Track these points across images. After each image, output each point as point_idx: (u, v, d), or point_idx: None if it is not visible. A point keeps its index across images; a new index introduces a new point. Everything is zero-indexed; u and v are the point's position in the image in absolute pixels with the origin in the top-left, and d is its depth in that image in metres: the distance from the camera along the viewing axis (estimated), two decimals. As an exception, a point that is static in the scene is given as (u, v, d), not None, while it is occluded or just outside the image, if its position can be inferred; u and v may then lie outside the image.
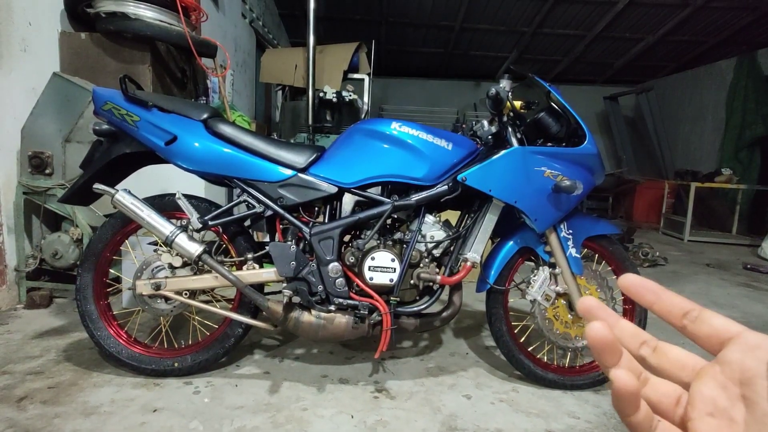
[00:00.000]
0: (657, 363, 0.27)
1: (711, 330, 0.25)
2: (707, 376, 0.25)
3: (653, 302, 0.27)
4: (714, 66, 6.62)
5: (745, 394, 0.23)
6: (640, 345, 0.27)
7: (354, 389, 1.57)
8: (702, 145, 6.79)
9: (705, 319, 0.26)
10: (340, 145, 1.56)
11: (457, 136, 1.55)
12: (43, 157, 2.15)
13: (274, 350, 1.84)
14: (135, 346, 1.60)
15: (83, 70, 2.42)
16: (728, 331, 0.25)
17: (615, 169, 7.58)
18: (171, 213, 1.55)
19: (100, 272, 1.59)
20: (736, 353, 0.24)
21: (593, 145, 1.53)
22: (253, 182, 1.50)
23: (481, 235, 1.55)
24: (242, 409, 1.42)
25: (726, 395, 0.24)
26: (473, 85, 8.75)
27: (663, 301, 0.27)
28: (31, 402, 1.40)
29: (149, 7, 2.43)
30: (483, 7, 6.25)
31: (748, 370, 0.23)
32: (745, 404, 0.23)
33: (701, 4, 5.71)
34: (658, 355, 0.27)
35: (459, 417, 1.44)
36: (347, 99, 4.08)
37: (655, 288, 0.27)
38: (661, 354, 0.27)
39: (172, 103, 1.51)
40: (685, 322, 0.26)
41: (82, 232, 2.18)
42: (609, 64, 7.90)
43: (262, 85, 5.69)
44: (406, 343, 1.99)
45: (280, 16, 6.73)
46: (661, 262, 3.89)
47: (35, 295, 2.18)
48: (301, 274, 1.48)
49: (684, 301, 0.27)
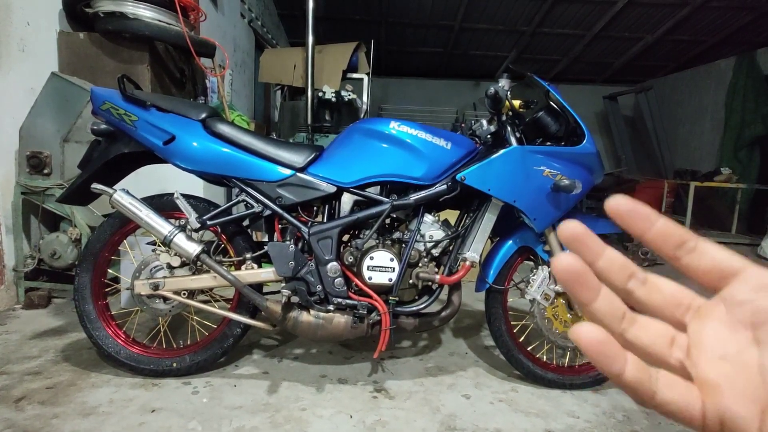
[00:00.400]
0: (647, 298, 0.24)
1: (711, 263, 0.23)
2: (710, 316, 0.22)
3: (646, 229, 0.23)
4: (713, 65, 6.62)
5: (758, 337, 0.21)
6: (628, 278, 0.24)
7: (353, 389, 1.57)
8: (701, 144, 6.79)
9: (704, 251, 0.23)
10: (339, 144, 1.56)
11: (456, 136, 1.55)
12: (41, 157, 2.14)
13: (272, 350, 1.84)
14: (133, 347, 1.59)
15: (82, 70, 2.42)
16: (732, 265, 0.22)
17: (614, 168, 7.58)
18: (169, 213, 1.55)
19: (98, 272, 1.58)
20: (744, 292, 0.21)
21: (592, 145, 1.52)
22: (252, 182, 1.50)
23: (480, 235, 1.55)
24: (241, 409, 1.41)
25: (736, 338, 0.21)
26: (472, 85, 8.75)
27: (657, 228, 0.23)
28: (29, 402, 1.40)
29: (148, 7, 2.43)
30: (482, 7, 6.25)
31: (761, 312, 0.21)
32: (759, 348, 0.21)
33: (700, 4, 5.71)
34: (648, 289, 0.24)
35: (458, 417, 1.44)
36: (346, 99, 4.07)
37: (648, 213, 0.24)
38: (653, 288, 0.24)
39: (170, 102, 1.51)
40: (680, 253, 0.23)
41: (81, 232, 2.17)
42: (608, 64, 7.90)
43: (261, 84, 5.68)
44: (405, 342, 1.98)
45: (279, 16, 6.72)
46: (661, 262, 3.89)
47: (33, 296, 2.18)
48: (299, 274, 1.48)
49: (681, 229, 0.23)
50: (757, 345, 0.21)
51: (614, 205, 0.24)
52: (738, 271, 0.22)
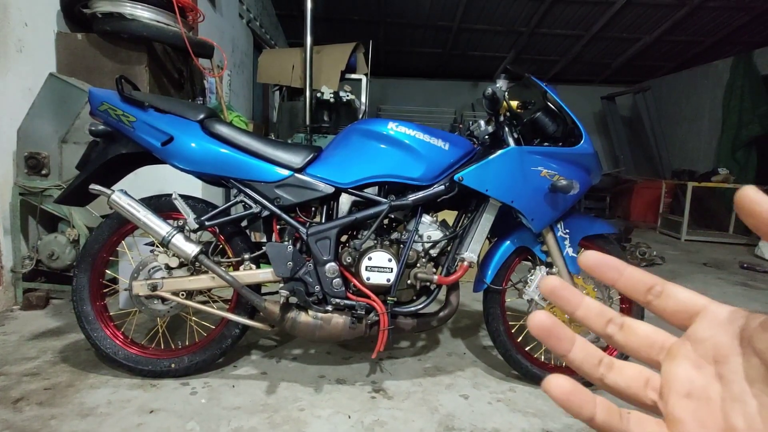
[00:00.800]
0: (625, 341, 0.25)
1: (677, 304, 0.24)
2: (679, 355, 0.23)
3: (616, 279, 0.26)
4: (710, 66, 6.64)
5: (720, 373, 0.22)
6: (606, 323, 0.26)
7: (351, 389, 1.57)
8: (699, 144, 6.81)
9: (670, 294, 0.25)
10: (337, 145, 1.56)
11: (453, 136, 1.55)
12: (39, 158, 2.14)
13: (271, 351, 1.84)
14: (132, 347, 1.59)
15: (80, 70, 2.42)
16: (695, 304, 0.24)
17: (612, 169, 7.59)
18: (168, 213, 1.55)
19: (96, 273, 1.58)
20: (707, 330, 0.23)
21: (590, 145, 1.53)
22: (250, 182, 1.50)
23: (478, 235, 1.55)
24: (239, 410, 1.41)
25: (701, 375, 0.22)
26: (471, 86, 8.76)
27: (626, 277, 0.25)
28: (28, 403, 1.39)
29: (146, 8, 2.43)
30: (481, 8, 6.26)
31: (721, 348, 0.22)
32: (721, 383, 0.22)
33: (698, 5, 5.73)
34: (625, 332, 0.25)
35: (456, 417, 1.44)
36: (345, 99, 4.07)
37: (616, 264, 0.26)
38: (629, 331, 0.25)
39: (168, 103, 1.51)
40: (649, 297, 0.25)
41: (79, 232, 2.17)
42: (606, 64, 7.92)
43: (259, 85, 5.68)
44: (404, 343, 1.99)
45: (278, 16, 6.72)
46: (659, 262, 3.90)
47: (32, 296, 2.18)
48: (298, 275, 1.48)
49: (647, 275, 0.25)
50: (719, 380, 0.22)
51: (585, 259, 0.26)
52: (700, 309, 0.24)
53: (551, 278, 0.26)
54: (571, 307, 0.26)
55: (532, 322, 0.25)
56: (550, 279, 0.26)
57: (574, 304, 0.26)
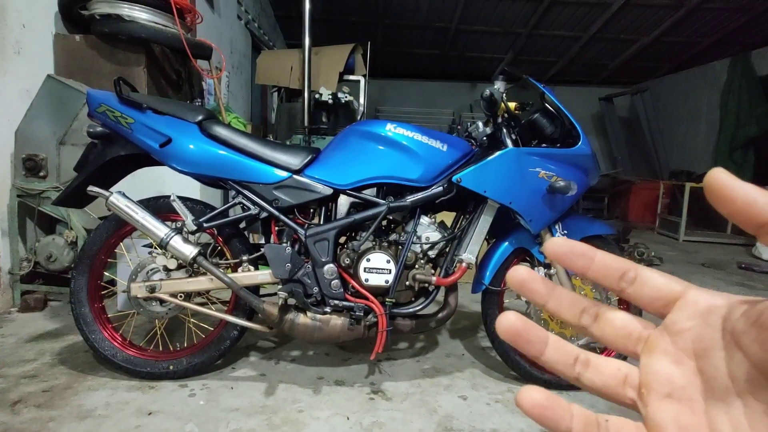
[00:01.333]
0: (600, 333, 0.23)
1: (652, 291, 0.22)
2: (658, 349, 0.21)
3: (587, 267, 0.23)
4: (708, 67, 6.66)
5: (701, 368, 0.20)
6: (580, 314, 0.24)
7: (350, 391, 1.57)
8: (696, 145, 6.82)
9: (645, 280, 0.22)
10: (336, 146, 1.56)
11: (452, 138, 1.56)
12: (37, 160, 2.14)
13: (269, 352, 1.84)
14: (130, 349, 1.59)
15: (78, 72, 2.42)
16: (671, 290, 0.22)
17: (610, 169, 7.61)
18: (166, 215, 1.55)
19: (94, 275, 1.58)
20: (685, 320, 0.21)
21: (587, 146, 1.53)
22: (248, 184, 1.50)
23: (476, 236, 1.55)
24: (238, 412, 1.41)
25: (681, 372, 0.20)
26: (469, 87, 8.77)
27: (596, 264, 0.23)
28: (26, 406, 1.39)
29: (144, 9, 2.42)
30: (479, 9, 6.27)
31: (702, 341, 0.20)
32: (702, 379, 0.20)
33: (695, 6, 5.75)
34: (601, 324, 0.23)
35: (455, 418, 1.44)
36: (343, 100, 4.08)
37: (586, 250, 0.23)
38: (604, 322, 0.23)
39: (166, 105, 1.51)
40: (623, 284, 0.23)
41: (77, 234, 2.17)
42: (604, 66, 7.93)
43: (258, 86, 5.68)
44: (402, 344, 1.99)
45: (276, 17, 6.72)
46: (657, 262, 3.91)
47: (29, 298, 2.17)
48: (296, 276, 1.48)
49: (619, 260, 0.23)
50: (701, 376, 0.20)
51: (551, 247, 0.23)
52: (678, 295, 0.22)
53: (519, 268, 0.24)
54: (542, 299, 0.24)
55: (500, 325, 0.23)
56: (518, 270, 0.24)
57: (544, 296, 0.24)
